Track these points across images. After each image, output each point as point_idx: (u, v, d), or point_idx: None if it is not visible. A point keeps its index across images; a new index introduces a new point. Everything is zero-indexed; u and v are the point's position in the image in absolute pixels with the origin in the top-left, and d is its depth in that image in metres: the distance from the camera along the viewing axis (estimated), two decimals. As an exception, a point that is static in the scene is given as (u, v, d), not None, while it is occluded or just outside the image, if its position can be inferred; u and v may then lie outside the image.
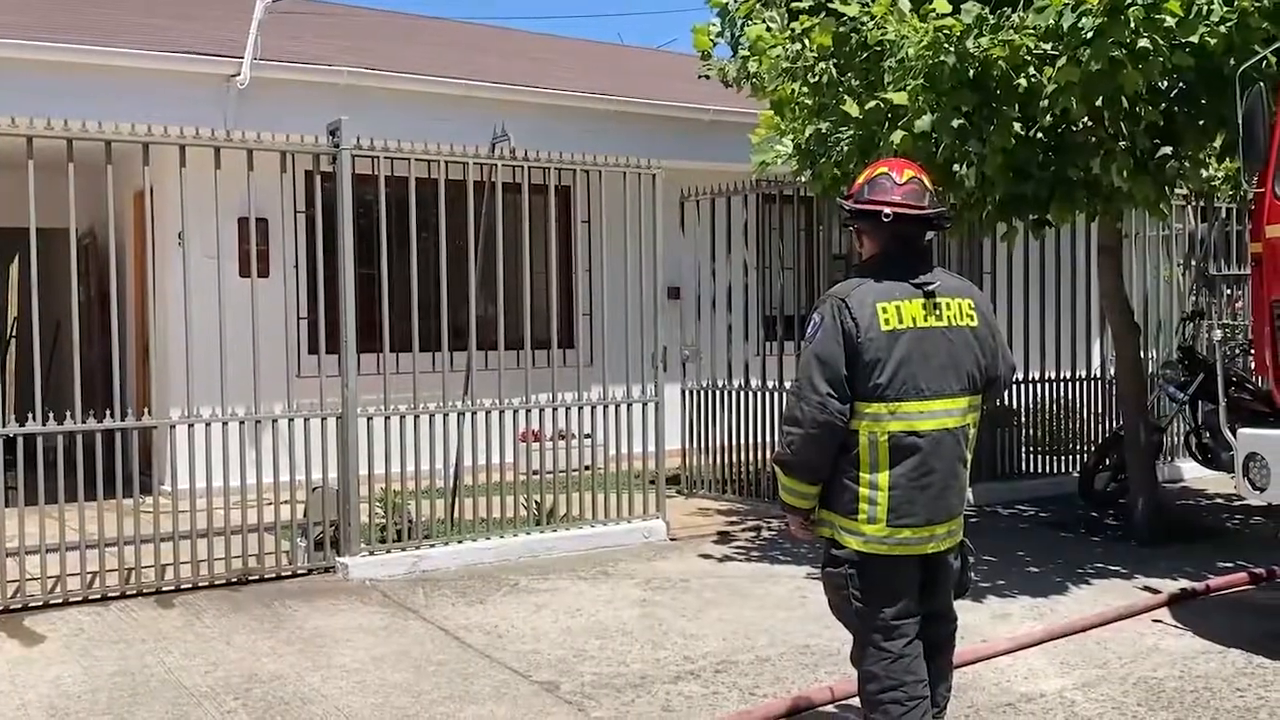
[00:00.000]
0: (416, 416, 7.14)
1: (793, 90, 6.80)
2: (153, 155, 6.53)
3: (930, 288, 3.72)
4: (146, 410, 6.95)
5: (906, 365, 3.63)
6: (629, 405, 7.85)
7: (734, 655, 5.35)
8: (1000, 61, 6.00)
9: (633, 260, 7.90)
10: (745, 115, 10.12)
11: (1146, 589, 6.42)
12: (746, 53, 7.99)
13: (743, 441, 9.15)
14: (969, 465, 3.83)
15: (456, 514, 7.35)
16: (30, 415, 6.09)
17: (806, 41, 6.63)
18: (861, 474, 3.65)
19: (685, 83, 13.04)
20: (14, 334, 13.99)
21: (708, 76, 8.81)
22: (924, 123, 6.15)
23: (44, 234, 6.32)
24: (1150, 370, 9.59)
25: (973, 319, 3.78)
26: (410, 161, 7.16)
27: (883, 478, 3.63)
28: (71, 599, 6.15)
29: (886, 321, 3.64)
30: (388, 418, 7.07)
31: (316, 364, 7.12)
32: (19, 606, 6.01)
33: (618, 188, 7.89)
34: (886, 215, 3.73)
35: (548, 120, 10.00)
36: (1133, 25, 5.68)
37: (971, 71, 6.09)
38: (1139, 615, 5.92)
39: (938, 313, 3.71)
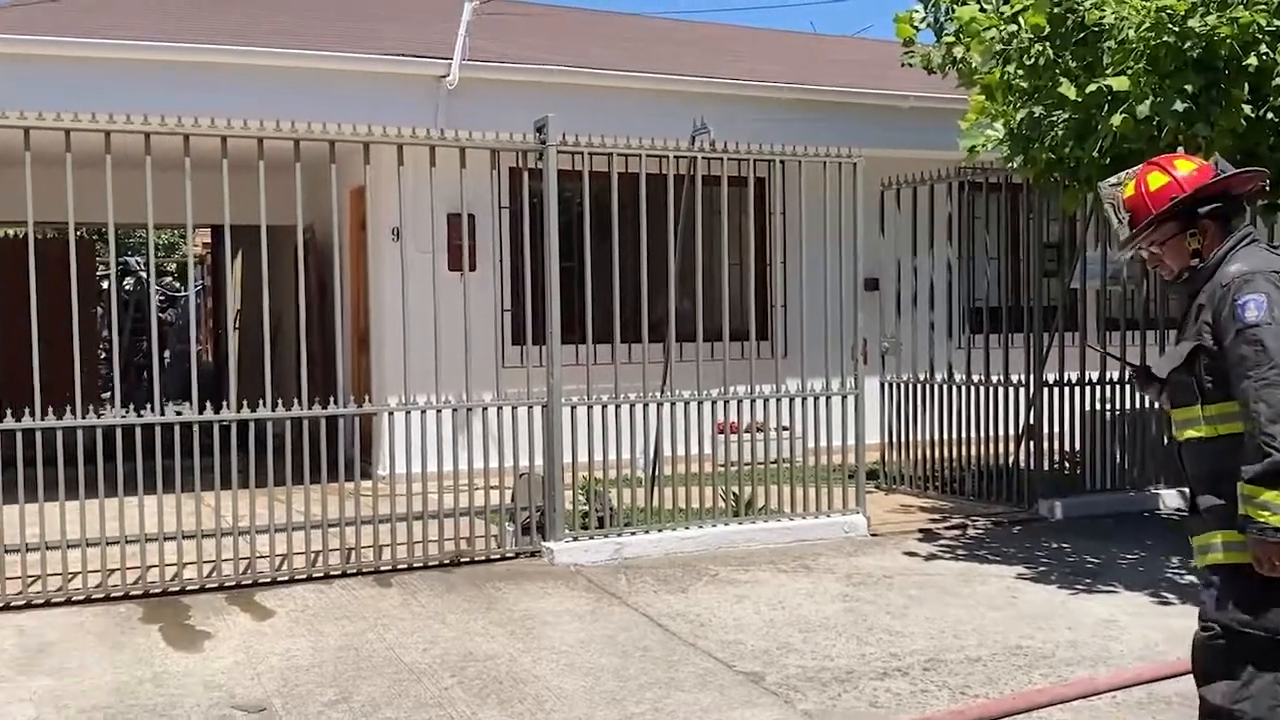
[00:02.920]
0: (618, 406, 7.25)
1: (1005, 73, 6.60)
2: (370, 154, 6.83)
3: None
4: (368, 398, 7.29)
5: None
6: (828, 398, 7.78)
7: (942, 654, 5.25)
8: (1228, 40, 5.68)
9: (831, 251, 7.82)
10: (946, 101, 9.89)
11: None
12: (951, 38, 7.82)
13: (945, 437, 8.94)
14: None
15: (655, 503, 7.44)
16: (261, 401, 6.46)
17: (1021, 22, 6.43)
18: None
19: (882, 69, 12.82)
20: (237, 325, 14.90)
21: (911, 64, 8.64)
22: (1145, 107, 5.88)
23: (266, 231, 6.70)
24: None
25: None
26: (612, 156, 7.27)
27: None
28: (297, 576, 6.49)
29: None
30: (590, 407, 7.21)
31: (520, 354, 7.32)
32: (249, 582, 6.39)
33: (816, 178, 7.82)
34: None
35: (742, 111, 9.99)
36: (1378, -4, 5.30)
37: (1196, 52, 5.79)
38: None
39: None
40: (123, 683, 4.86)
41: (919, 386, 9.13)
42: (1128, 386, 8.58)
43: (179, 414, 6.58)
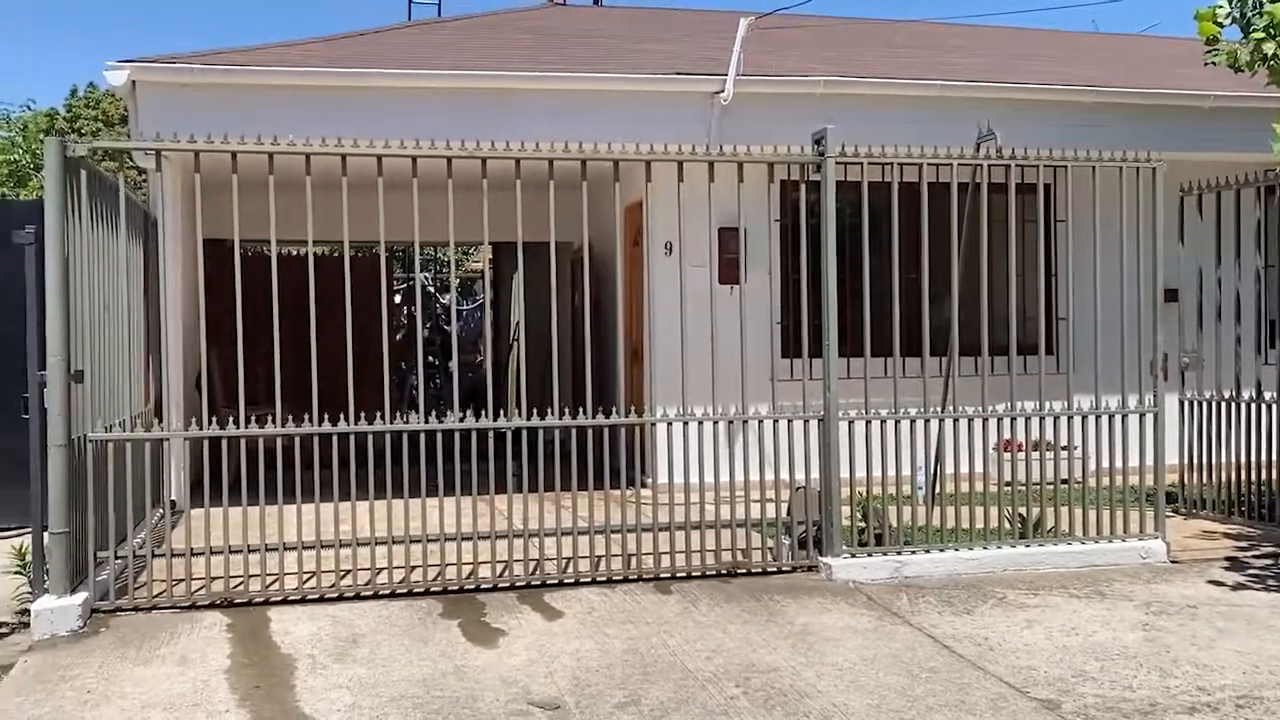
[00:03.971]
0: (897, 421, 7.12)
1: (1326, 69, 6.09)
2: (643, 171, 6.98)
3: None
4: (648, 408, 7.46)
5: None
6: (1124, 416, 7.38)
7: (1257, 690, 4.88)
8: None
9: (1127, 261, 7.43)
10: (1252, 100, 9.27)
11: None
12: (1261, 34, 7.29)
13: (1254, 460, 8.29)
14: None
15: (937, 521, 7.26)
16: (549, 410, 6.73)
17: (1346, 13, 5.91)
18: None
19: (1174, 68, 12.11)
20: (516, 338, 15.56)
21: (1215, 63, 8.08)
22: None
23: (539, 247, 6.94)
24: None
25: None
26: (893, 166, 7.16)
27: None
28: (582, 580, 6.70)
29: None
30: (868, 422, 7.11)
31: (789, 367, 7.30)
32: (538, 583, 6.65)
33: (1110, 184, 7.44)
34: None
35: (1028, 115, 9.69)
36: None
37: None
38: None
39: None
40: (428, 674, 5.15)
41: (1224, 404, 8.50)
42: None
43: (475, 420, 6.90)
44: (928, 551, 7.05)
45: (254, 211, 6.43)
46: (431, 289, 19.02)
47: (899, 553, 6.99)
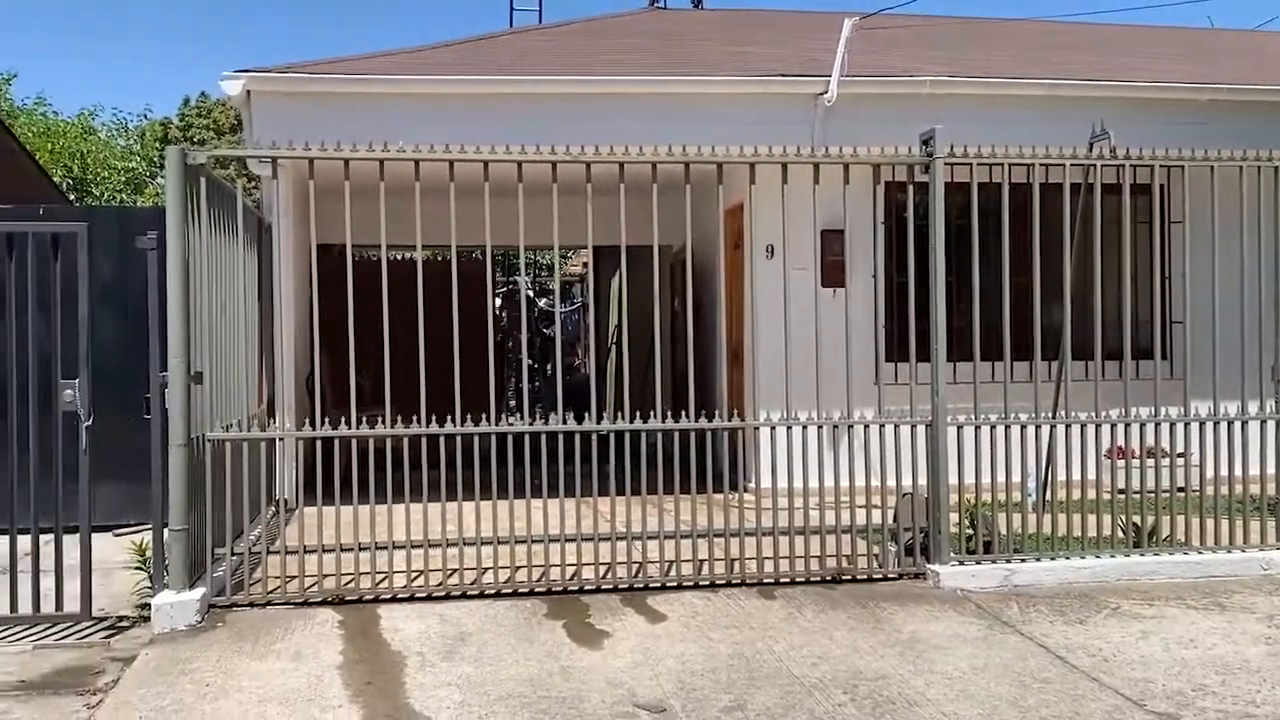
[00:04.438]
0: (1007, 427, 6.98)
1: None
2: (745, 174, 6.95)
3: None
4: (750, 412, 7.43)
5: None
6: (1243, 423, 7.14)
7: (1393, 711, 4.68)
8: None
9: (1247, 262, 7.19)
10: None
11: None
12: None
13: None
14: None
15: (1047, 529, 7.09)
16: (652, 413, 6.74)
17: None
18: None
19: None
20: (615, 341, 15.63)
21: (1342, 54, 7.80)
22: None
23: (640, 250, 6.95)
24: None
25: None
26: (1004, 166, 7.02)
27: None
28: (684, 583, 6.69)
29: None
30: (978, 427, 6.98)
31: (893, 371, 7.19)
32: (641, 586, 6.65)
33: (1229, 184, 7.20)
34: None
35: (1137, 114, 9.45)
36: None
37: None
38: None
39: None
40: (534, 674, 5.20)
41: (1350, 411, 8.17)
42: None
43: (578, 423, 6.94)
44: (1038, 560, 6.89)
45: (361, 217, 6.56)
46: (530, 293, 19.22)
47: (1008, 561, 6.85)
